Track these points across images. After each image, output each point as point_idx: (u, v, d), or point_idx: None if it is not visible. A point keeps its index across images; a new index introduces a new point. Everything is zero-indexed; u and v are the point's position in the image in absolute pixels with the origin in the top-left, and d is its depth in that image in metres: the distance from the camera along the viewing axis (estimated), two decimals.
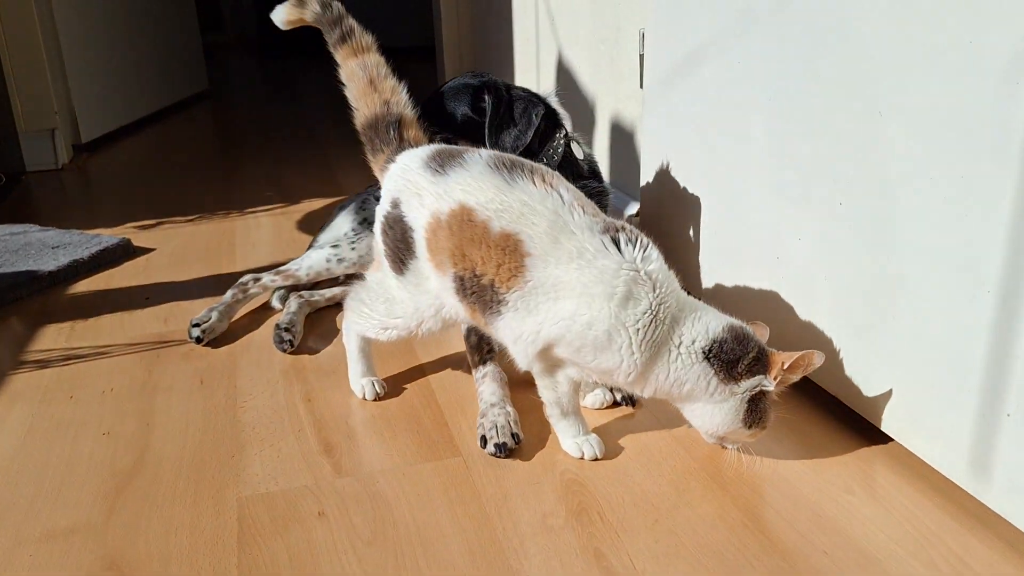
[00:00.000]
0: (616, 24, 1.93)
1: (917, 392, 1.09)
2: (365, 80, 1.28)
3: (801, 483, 1.12)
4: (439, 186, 1.15)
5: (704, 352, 1.07)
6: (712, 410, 1.10)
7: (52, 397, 1.40)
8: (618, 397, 1.33)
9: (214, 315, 1.60)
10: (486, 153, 1.17)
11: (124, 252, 2.02)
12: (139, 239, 2.13)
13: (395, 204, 1.20)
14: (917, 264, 1.05)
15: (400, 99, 1.28)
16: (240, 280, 1.67)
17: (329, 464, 1.20)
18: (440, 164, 1.17)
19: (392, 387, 1.39)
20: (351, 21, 1.31)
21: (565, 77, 2.28)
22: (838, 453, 1.18)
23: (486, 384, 1.33)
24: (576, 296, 1.06)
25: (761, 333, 1.14)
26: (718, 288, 1.51)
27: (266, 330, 1.62)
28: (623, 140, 1.97)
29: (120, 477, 1.18)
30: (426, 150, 1.22)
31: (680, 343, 1.08)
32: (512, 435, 1.21)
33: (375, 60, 1.30)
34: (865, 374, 1.18)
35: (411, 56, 2.91)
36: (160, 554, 1.03)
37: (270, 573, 0.99)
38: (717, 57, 1.41)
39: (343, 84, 1.31)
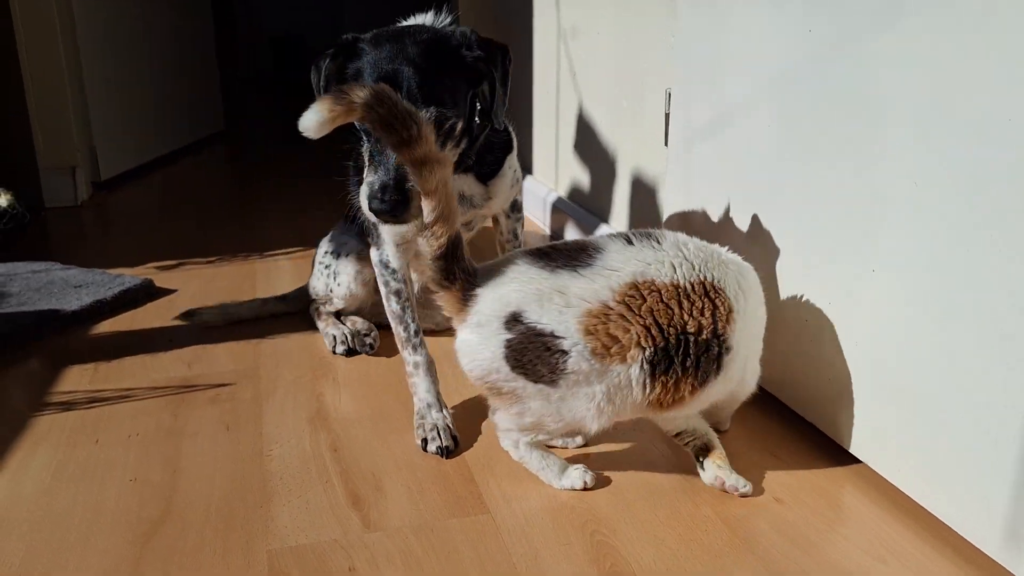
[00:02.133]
0: (640, 81, 1.97)
1: (951, 459, 1.09)
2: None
3: (829, 547, 1.12)
4: (586, 275, 1.14)
5: None
6: None
7: (77, 441, 1.40)
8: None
9: (359, 322, 1.80)
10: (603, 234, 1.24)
11: (147, 293, 2.03)
12: (160, 279, 2.14)
13: (517, 318, 1.13)
14: (956, 328, 1.06)
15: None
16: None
17: (358, 517, 1.19)
18: (554, 257, 1.17)
19: (412, 438, 1.39)
20: None
21: (585, 130, 2.32)
22: (862, 515, 1.18)
23: (420, 378, 1.44)
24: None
25: None
26: None
27: (290, 375, 1.63)
28: (644, 195, 1.99)
29: (148, 525, 1.18)
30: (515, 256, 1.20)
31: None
32: (452, 437, 1.36)
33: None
34: (893, 437, 1.18)
35: None
36: None
37: None
38: (746, 118, 1.44)
39: None
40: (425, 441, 1.36)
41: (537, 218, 2.69)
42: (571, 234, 2.40)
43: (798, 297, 1.35)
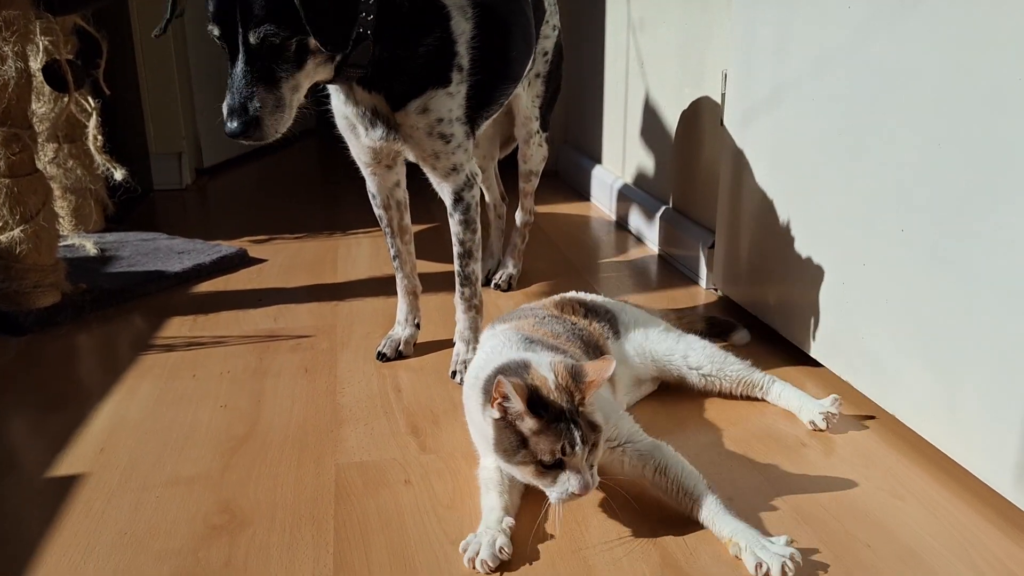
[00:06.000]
0: (700, 67, 2.06)
1: (969, 407, 1.15)
2: None
3: (850, 486, 1.19)
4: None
5: None
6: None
7: (177, 375, 1.59)
8: None
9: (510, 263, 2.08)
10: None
11: (241, 260, 2.24)
12: (253, 251, 2.34)
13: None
14: (979, 290, 1.13)
15: None
16: None
17: (415, 442, 1.33)
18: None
19: None
20: None
21: (650, 118, 2.41)
22: (885, 460, 1.25)
23: (402, 297, 1.69)
24: None
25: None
26: (785, 302, 1.60)
27: (362, 330, 1.78)
28: (703, 177, 2.08)
29: (234, 441, 1.34)
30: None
31: None
32: (398, 352, 1.65)
33: None
34: (918, 388, 1.25)
35: None
36: (267, 503, 1.18)
37: (361, 526, 1.12)
38: (793, 95, 1.52)
39: None
40: (382, 355, 1.65)
41: (604, 205, 2.80)
42: (635, 218, 2.49)
43: (835, 261, 1.43)
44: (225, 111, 1.30)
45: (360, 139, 1.52)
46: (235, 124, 1.29)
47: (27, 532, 1.13)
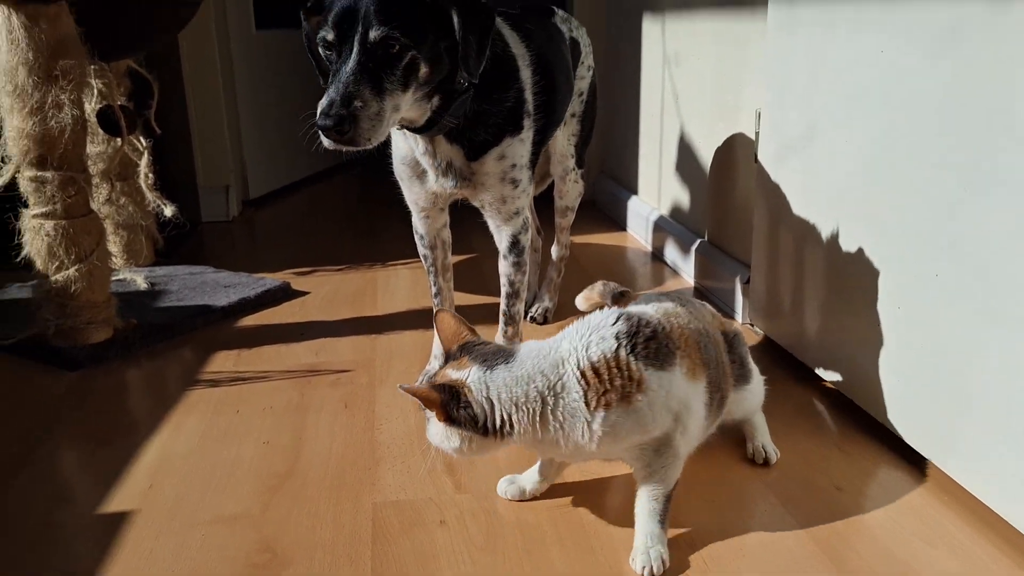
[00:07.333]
0: (735, 103, 2.07)
1: (1007, 456, 1.14)
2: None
3: (880, 530, 1.18)
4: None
5: None
6: None
7: (221, 410, 1.64)
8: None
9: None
10: None
11: (284, 294, 2.30)
12: (296, 283, 2.41)
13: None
14: (1008, 333, 1.12)
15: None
16: None
17: (451, 481, 1.36)
18: None
19: None
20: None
21: (685, 151, 2.43)
22: (915, 502, 1.24)
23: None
24: None
25: None
26: (820, 341, 1.60)
27: (401, 366, 1.82)
28: (737, 211, 2.09)
29: (276, 479, 1.39)
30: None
31: None
32: None
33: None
34: (952, 435, 1.24)
35: None
36: (307, 543, 1.21)
37: (398, 567, 1.15)
38: (826, 134, 1.53)
39: None
40: None
41: (640, 236, 2.81)
42: (671, 250, 2.50)
43: (871, 303, 1.43)
44: (324, 103, 1.24)
45: (426, 185, 1.55)
46: (332, 117, 1.23)
47: (79, 567, 1.17)
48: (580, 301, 1.45)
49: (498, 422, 1.09)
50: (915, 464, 1.35)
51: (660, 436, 1.12)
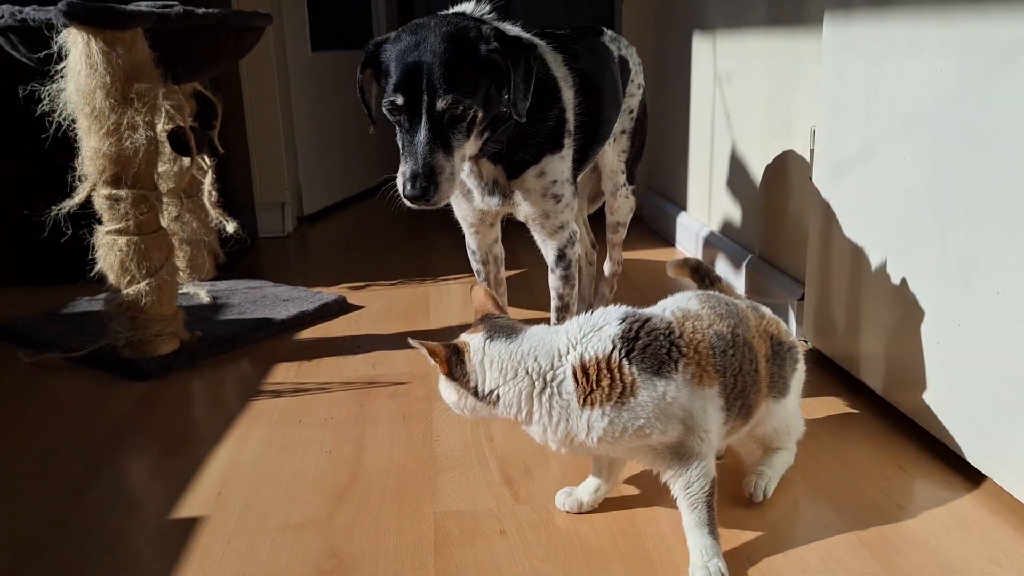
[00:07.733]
0: (788, 121, 2.08)
1: None
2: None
3: (944, 548, 1.18)
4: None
5: None
6: None
7: (284, 420, 1.69)
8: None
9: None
10: None
11: (340, 308, 2.35)
12: (351, 297, 2.46)
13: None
14: None
15: None
16: None
17: (509, 493, 1.38)
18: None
19: None
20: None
21: (736, 167, 2.44)
22: (978, 520, 1.23)
23: None
24: None
25: None
26: (877, 358, 1.59)
27: None
28: (790, 228, 2.09)
29: (339, 487, 1.43)
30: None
31: None
32: None
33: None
34: (1013, 453, 1.23)
35: None
36: (372, 551, 1.25)
37: None
38: (883, 152, 1.53)
39: None
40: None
41: (689, 251, 2.82)
42: (721, 266, 2.51)
43: (929, 320, 1.42)
44: (407, 173, 1.38)
45: (473, 204, 1.61)
46: (417, 187, 1.37)
47: (153, 570, 1.22)
48: (671, 268, 1.47)
49: (487, 388, 1.16)
50: (976, 482, 1.34)
51: (672, 441, 1.13)
